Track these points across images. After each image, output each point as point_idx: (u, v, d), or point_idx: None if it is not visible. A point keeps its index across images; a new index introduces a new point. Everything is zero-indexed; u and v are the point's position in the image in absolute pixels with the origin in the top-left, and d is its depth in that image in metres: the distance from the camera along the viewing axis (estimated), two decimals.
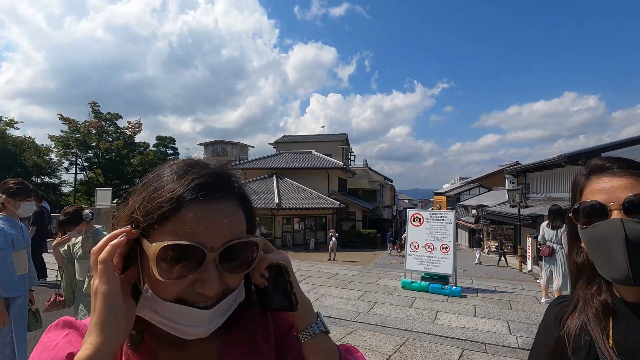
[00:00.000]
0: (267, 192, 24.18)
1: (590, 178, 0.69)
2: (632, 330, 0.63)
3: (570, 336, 0.67)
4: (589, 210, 0.64)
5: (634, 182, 0.63)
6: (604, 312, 0.65)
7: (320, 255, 18.68)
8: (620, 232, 0.59)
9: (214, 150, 56.56)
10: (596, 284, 0.69)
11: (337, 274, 8.13)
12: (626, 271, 0.58)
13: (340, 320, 4.71)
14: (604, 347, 0.62)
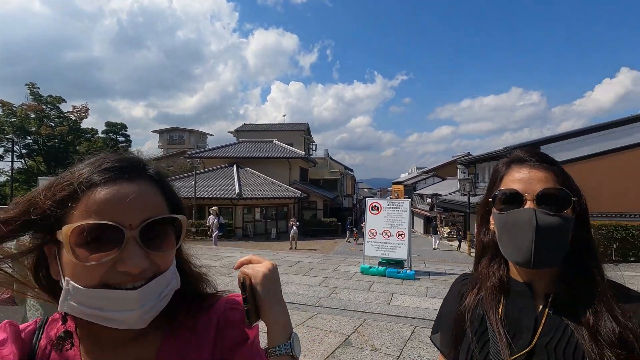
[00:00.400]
0: (227, 181, 23.72)
1: (510, 167, 0.73)
2: (518, 305, 0.71)
3: (469, 310, 0.74)
4: (506, 197, 0.69)
5: (548, 176, 0.69)
6: (499, 288, 0.72)
7: (281, 244, 18.79)
8: (532, 221, 0.64)
9: (170, 138, 54.09)
10: (496, 263, 0.75)
11: (299, 262, 8.31)
12: (529, 256, 0.64)
13: (302, 305, 4.88)
14: (493, 318, 0.70)
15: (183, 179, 24.68)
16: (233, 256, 8.98)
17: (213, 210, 13.65)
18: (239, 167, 25.88)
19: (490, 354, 0.68)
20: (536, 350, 0.65)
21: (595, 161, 14.15)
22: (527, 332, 0.67)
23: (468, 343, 0.72)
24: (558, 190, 0.67)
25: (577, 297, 0.67)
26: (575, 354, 0.62)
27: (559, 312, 0.67)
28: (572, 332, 0.64)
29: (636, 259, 11.85)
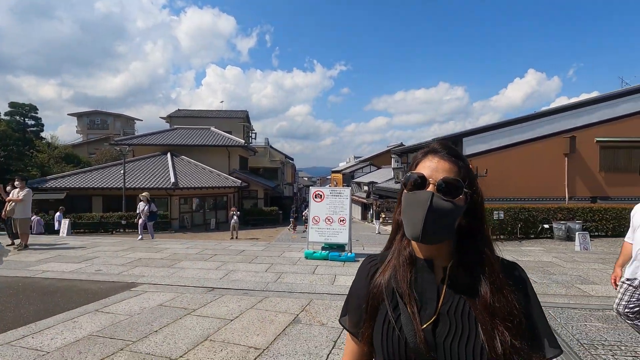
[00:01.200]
0: (161, 170, 22.38)
1: (426, 156, 0.83)
2: (422, 279, 0.81)
3: (383, 284, 0.82)
4: (414, 180, 0.79)
5: (452, 168, 0.79)
6: (409, 262, 0.82)
7: (221, 234, 18.44)
8: (427, 202, 0.74)
9: (91, 122, 48.87)
10: (406, 239, 0.84)
11: (244, 250, 8.37)
12: (419, 231, 0.74)
13: (251, 290, 5.03)
14: (406, 291, 0.78)
15: (109, 168, 22.71)
16: (173, 247, 8.70)
17: (143, 196, 11.80)
18: (174, 155, 24.53)
19: (403, 325, 0.75)
20: (440, 319, 0.75)
21: (505, 152, 16.15)
22: (432, 303, 0.77)
23: (384, 316, 0.79)
24: (455, 180, 0.77)
25: (472, 273, 0.77)
26: (469, 319, 0.74)
27: (455, 284, 0.78)
28: (466, 301, 0.76)
29: (535, 235, 13.97)
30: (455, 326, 0.73)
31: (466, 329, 0.73)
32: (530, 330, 0.74)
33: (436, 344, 0.73)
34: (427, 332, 0.73)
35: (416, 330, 0.73)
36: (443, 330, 0.73)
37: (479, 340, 0.71)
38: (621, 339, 3.38)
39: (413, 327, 0.73)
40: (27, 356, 2.95)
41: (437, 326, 0.74)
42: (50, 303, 4.44)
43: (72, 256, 7.42)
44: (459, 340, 0.72)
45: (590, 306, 4.36)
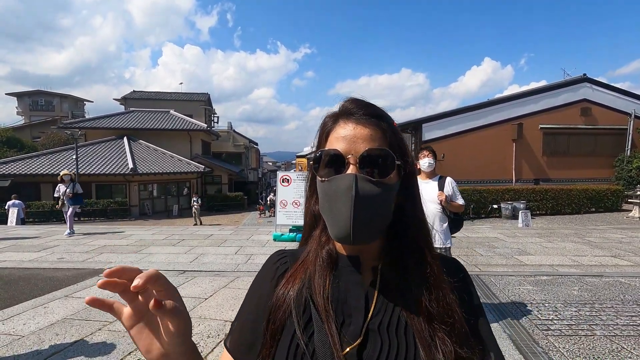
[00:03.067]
0: (117, 155, 21.35)
1: (337, 122, 0.62)
2: (345, 284, 0.60)
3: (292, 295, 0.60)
4: (329, 160, 0.59)
5: (374, 133, 0.59)
6: (328, 264, 0.61)
7: (185, 220, 18.14)
8: (351, 190, 0.55)
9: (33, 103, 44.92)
10: (325, 235, 0.64)
11: (212, 235, 8.45)
12: (349, 232, 0.55)
13: (222, 272, 5.22)
14: (321, 302, 0.57)
15: (59, 152, 21.28)
16: (138, 234, 8.58)
17: (66, 175, 8.84)
18: (131, 140, 23.42)
19: (316, 349, 0.54)
20: (369, 336, 0.56)
21: (460, 138, 17.17)
22: (358, 315, 0.57)
23: (290, 338, 0.57)
24: (383, 151, 0.58)
25: (406, 271, 0.60)
26: (406, 333, 0.56)
27: (388, 288, 0.60)
28: (402, 309, 0.58)
29: (485, 215, 15.19)
30: (388, 344, 0.55)
31: (402, 346, 0.55)
32: (475, 339, 0.58)
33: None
34: (350, 357, 0.54)
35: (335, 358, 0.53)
36: (373, 354, 0.54)
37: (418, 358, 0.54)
38: (546, 297, 4.01)
39: (331, 352, 0.53)
40: (2, 341, 2.99)
41: (365, 347, 0.55)
42: (14, 291, 4.36)
43: (28, 245, 7.14)
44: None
45: (525, 273, 5.04)
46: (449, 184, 3.32)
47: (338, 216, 0.56)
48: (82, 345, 2.89)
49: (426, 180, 3.40)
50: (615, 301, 3.88)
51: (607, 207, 15.81)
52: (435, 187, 3.30)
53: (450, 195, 3.27)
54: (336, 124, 0.62)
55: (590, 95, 18.03)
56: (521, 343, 2.93)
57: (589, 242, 7.31)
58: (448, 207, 3.26)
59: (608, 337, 3.03)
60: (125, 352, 2.76)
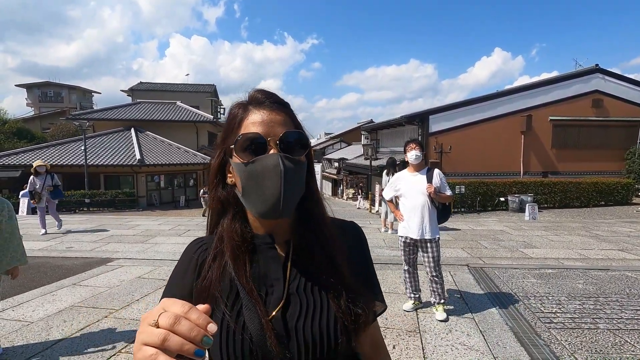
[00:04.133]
0: (125, 147, 21.54)
1: (248, 110, 0.66)
2: (264, 260, 0.66)
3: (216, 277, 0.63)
4: (250, 142, 0.62)
5: (286, 119, 0.65)
6: (243, 246, 0.65)
7: (192, 211, 18.31)
8: (279, 167, 0.59)
9: (43, 94, 45.39)
10: (238, 221, 0.68)
11: None
12: (279, 206, 0.60)
13: None
14: (244, 278, 0.62)
15: (68, 143, 21.54)
16: (145, 224, 8.69)
17: (40, 166, 7.41)
18: (138, 131, 23.60)
19: (246, 320, 0.60)
20: (291, 299, 0.63)
21: (468, 130, 16.96)
22: (278, 284, 0.64)
23: (219, 320, 0.61)
24: (298, 133, 0.65)
25: (312, 240, 0.68)
26: (320, 291, 0.64)
27: (300, 258, 0.67)
28: (313, 273, 0.66)
29: (492, 208, 15.07)
30: (306, 302, 0.63)
31: (317, 302, 0.63)
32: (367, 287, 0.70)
33: (287, 329, 0.61)
34: (276, 320, 0.61)
35: (263, 322, 0.59)
36: (294, 312, 0.62)
37: (331, 312, 0.63)
38: (550, 290, 3.99)
39: (258, 320, 0.59)
40: (11, 326, 3.07)
41: (287, 309, 0.63)
42: (24, 279, 4.46)
43: (38, 234, 7.27)
44: (312, 317, 0.62)
45: (529, 266, 5.01)
46: (437, 176, 3.33)
47: (266, 193, 0.60)
48: (89, 332, 2.96)
49: (414, 172, 3.40)
50: (621, 295, 3.85)
51: (617, 201, 15.58)
52: (423, 179, 3.31)
53: (438, 187, 3.29)
54: (248, 112, 0.66)
55: (602, 86, 17.64)
56: (523, 335, 2.92)
57: (596, 236, 7.22)
58: (437, 198, 3.28)
59: (612, 330, 3.01)
60: (131, 339, 2.82)
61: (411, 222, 3.30)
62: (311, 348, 0.60)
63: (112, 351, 2.65)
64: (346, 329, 0.62)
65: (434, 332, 3.00)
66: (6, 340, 2.82)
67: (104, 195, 18.98)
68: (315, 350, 0.61)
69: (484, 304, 3.60)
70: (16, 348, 2.70)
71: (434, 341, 2.83)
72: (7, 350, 2.66)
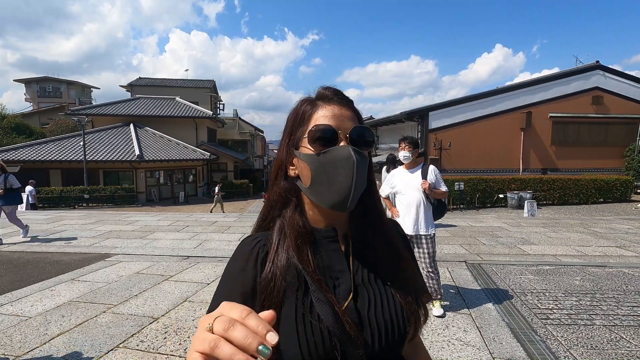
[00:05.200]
0: (124, 142, 21.50)
1: (317, 105, 0.68)
2: (326, 252, 0.67)
3: (280, 275, 0.63)
4: (322, 133, 0.63)
5: (353, 115, 0.68)
6: (305, 239, 0.66)
7: (191, 207, 18.32)
8: (351, 158, 0.61)
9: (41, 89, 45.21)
10: (298, 213, 0.69)
11: (216, 221, 8.53)
12: (348, 196, 0.61)
13: (225, 258, 5.28)
14: (311, 270, 0.63)
15: (67, 139, 21.49)
16: (144, 220, 8.69)
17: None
18: (137, 127, 23.54)
19: (319, 311, 0.60)
20: (358, 290, 0.65)
21: (468, 126, 16.94)
22: (344, 275, 0.66)
23: (293, 312, 0.61)
24: (366, 129, 0.67)
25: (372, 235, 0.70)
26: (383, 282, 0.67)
27: (361, 250, 0.69)
28: (377, 264, 0.68)
29: (491, 204, 15.09)
30: (373, 293, 0.65)
31: (383, 293, 0.66)
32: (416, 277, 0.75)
33: (361, 319, 0.63)
34: (349, 310, 0.62)
35: (338, 314, 0.59)
36: (364, 303, 0.64)
37: (397, 302, 0.66)
38: (547, 287, 4.00)
39: (331, 310, 0.59)
40: (10, 321, 3.08)
41: (357, 300, 0.64)
42: (22, 274, 4.47)
43: (37, 230, 7.28)
44: (381, 307, 0.64)
45: (527, 262, 5.02)
46: (431, 172, 3.36)
47: (337, 183, 0.62)
48: (87, 327, 2.97)
49: (410, 169, 3.42)
50: (617, 291, 3.86)
51: (616, 198, 15.61)
52: (418, 175, 3.34)
53: (433, 183, 3.31)
54: (317, 107, 0.68)
55: (602, 83, 17.60)
56: (519, 331, 2.94)
57: (594, 233, 7.24)
58: (432, 194, 3.31)
59: (607, 326, 3.03)
60: (129, 334, 2.83)
61: (406, 218, 3.31)
62: (384, 335, 0.63)
63: (110, 346, 2.66)
64: (413, 317, 0.66)
65: (431, 327, 3.01)
66: (4, 335, 2.83)
67: (103, 191, 18.97)
68: (387, 337, 0.63)
69: (481, 300, 3.61)
70: (14, 343, 2.71)
71: (430, 337, 2.84)
72: (5, 346, 2.67)
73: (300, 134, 0.68)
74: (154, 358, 2.51)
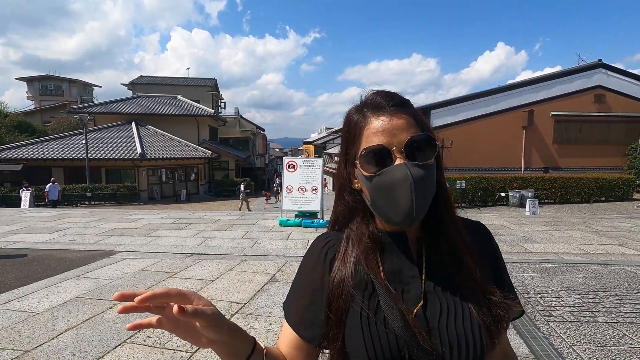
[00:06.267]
0: (126, 140, 21.56)
1: (367, 117, 0.63)
2: (396, 257, 0.65)
3: (349, 278, 0.64)
4: (374, 155, 0.61)
5: (409, 122, 0.62)
6: (374, 245, 0.65)
7: (193, 205, 18.37)
8: (408, 179, 0.58)
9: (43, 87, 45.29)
10: (366, 223, 0.68)
11: (219, 219, 8.56)
12: (411, 215, 0.58)
13: (229, 255, 5.31)
14: (378, 275, 0.63)
15: (69, 137, 21.54)
16: (147, 217, 8.73)
17: None
18: (139, 125, 23.59)
19: (387, 316, 0.59)
20: (428, 297, 0.62)
21: (470, 124, 16.95)
22: (415, 281, 0.63)
23: (359, 314, 0.61)
24: (425, 136, 0.62)
25: (442, 239, 0.66)
26: (457, 292, 0.62)
27: (433, 255, 0.65)
28: (449, 272, 0.64)
29: (493, 203, 15.10)
30: (446, 302, 0.62)
31: (457, 303, 0.62)
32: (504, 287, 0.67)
33: (430, 328, 0.60)
34: (419, 318, 0.60)
35: (407, 319, 0.58)
36: (435, 312, 0.61)
37: (472, 313, 0.61)
38: (550, 284, 4.02)
39: (400, 316, 0.58)
40: (17, 317, 3.11)
41: (427, 308, 0.61)
42: (29, 271, 4.51)
43: (41, 227, 7.32)
44: (454, 319, 0.60)
45: (530, 260, 5.04)
46: None
47: (397, 206, 0.59)
48: (94, 322, 3.00)
49: None
50: (620, 289, 3.88)
51: (618, 197, 15.60)
52: None
53: None
54: (367, 120, 0.63)
55: (605, 82, 17.57)
56: (522, 328, 2.96)
57: (596, 231, 7.25)
58: None
59: (610, 324, 3.05)
60: (135, 330, 2.86)
61: None
62: (456, 349, 0.59)
63: (117, 341, 2.69)
64: (489, 332, 0.61)
65: None
66: (13, 330, 2.86)
67: (106, 189, 19.03)
68: (460, 351, 0.59)
69: None
70: (23, 338, 2.74)
71: None
72: (14, 341, 2.70)
73: (354, 151, 0.65)
74: (160, 353, 2.54)
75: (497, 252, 0.73)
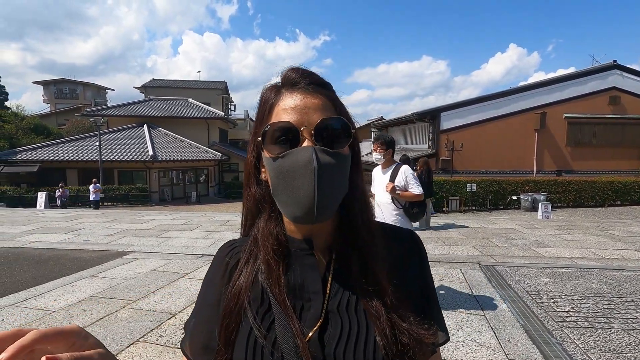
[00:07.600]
0: (138, 143, 21.91)
1: (280, 93, 0.56)
2: (300, 268, 0.57)
3: (244, 287, 0.56)
4: (280, 133, 0.52)
5: (325, 103, 0.55)
6: (279, 251, 0.57)
7: (203, 207, 18.55)
8: (311, 164, 0.49)
9: (58, 91, 46.36)
10: (273, 222, 0.59)
11: (229, 221, 8.64)
12: (312, 210, 0.50)
13: None
14: (277, 288, 0.54)
15: (84, 139, 22.00)
16: (158, 219, 8.86)
17: None
18: (151, 127, 23.95)
19: (278, 338, 0.52)
20: (330, 318, 0.54)
21: (481, 127, 16.76)
22: (317, 298, 0.55)
23: (248, 331, 0.54)
24: (339, 120, 0.54)
25: (360, 248, 0.57)
26: (361, 311, 0.54)
27: (343, 268, 0.57)
28: (357, 288, 0.55)
29: (504, 206, 14.89)
30: (349, 324, 0.53)
31: (362, 324, 0.53)
32: (423, 312, 0.57)
33: (324, 355, 0.51)
34: (312, 342, 0.52)
35: (298, 344, 0.50)
36: (333, 335, 0.52)
37: (372, 337, 0.52)
38: (563, 290, 3.95)
39: (293, 339, 0.51)
40: (34, 315, 3.20)
41: (326, 330, 0.53)
42: (45, 270, 4.62)
43: (56, 227, 7.49)
44: (354, 343, 0.52)
45: (542, 265, 4.96)
46: (402, 174, 3.21)
47: (298, 194, 0.51)
48: (108, 321, 3.06)
49: (384, 169, 3.34)
50: (636, 295, 3.79)
51: (634, 200, 15.24)
52: (388, 176, 3.24)
53: (404, 185, 3.18)
54: (280, 95, 0.56)
55: (620, 83, 17.21)
56: (535, 334, 2.92)
57: (611, 236, 7.10)
58: (398, 197, 3.17)
59: (626, 330, 2.98)
60: (148, 329, 2.91)
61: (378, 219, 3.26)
62: None
63: (130, 340, 2.74)
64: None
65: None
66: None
67: (118, 191, 19.35)
68: None
69: (496, 302, 3.59)
70: None
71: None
72: None
73: (260, 131, 0.55)
74: (172, 352, 2.58)
75: (424, 270, 0.62)
